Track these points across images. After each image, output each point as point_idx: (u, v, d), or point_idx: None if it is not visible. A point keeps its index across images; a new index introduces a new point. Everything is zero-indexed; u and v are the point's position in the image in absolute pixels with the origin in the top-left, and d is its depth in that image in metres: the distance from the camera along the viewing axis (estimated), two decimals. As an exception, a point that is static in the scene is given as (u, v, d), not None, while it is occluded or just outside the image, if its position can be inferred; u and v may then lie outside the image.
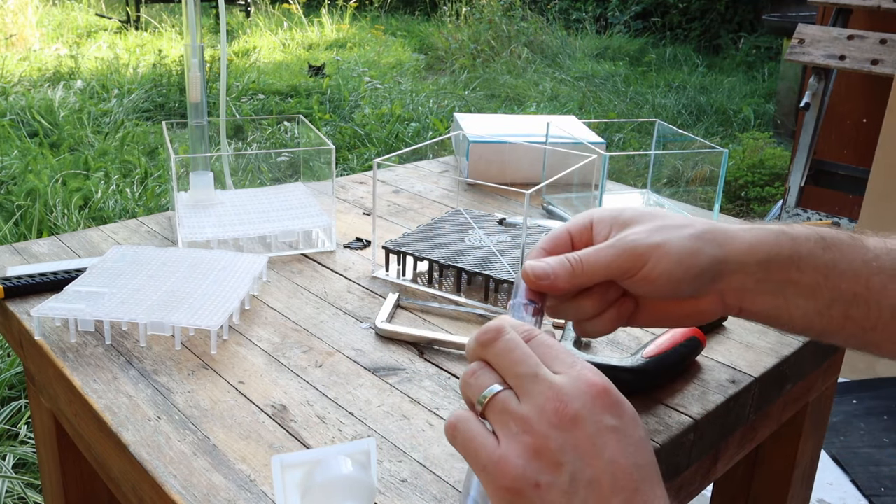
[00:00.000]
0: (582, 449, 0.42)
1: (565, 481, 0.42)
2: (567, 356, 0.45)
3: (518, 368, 0.44)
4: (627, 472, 0.42)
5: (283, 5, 7.96)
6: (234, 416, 0.63)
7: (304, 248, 0.96)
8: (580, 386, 0.43)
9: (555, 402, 0.43)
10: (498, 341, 0.46)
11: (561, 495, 0.42)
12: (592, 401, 0.43)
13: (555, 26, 7.25)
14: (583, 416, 0.42)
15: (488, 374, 0.46)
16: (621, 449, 0.42)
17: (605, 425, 0.42)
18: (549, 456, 0.42)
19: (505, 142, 1.21)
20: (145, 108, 4.49)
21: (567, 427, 0.42)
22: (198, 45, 1.01)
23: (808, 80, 2.74)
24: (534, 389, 0.43)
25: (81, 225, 2.77)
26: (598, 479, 0.42)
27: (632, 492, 0.42)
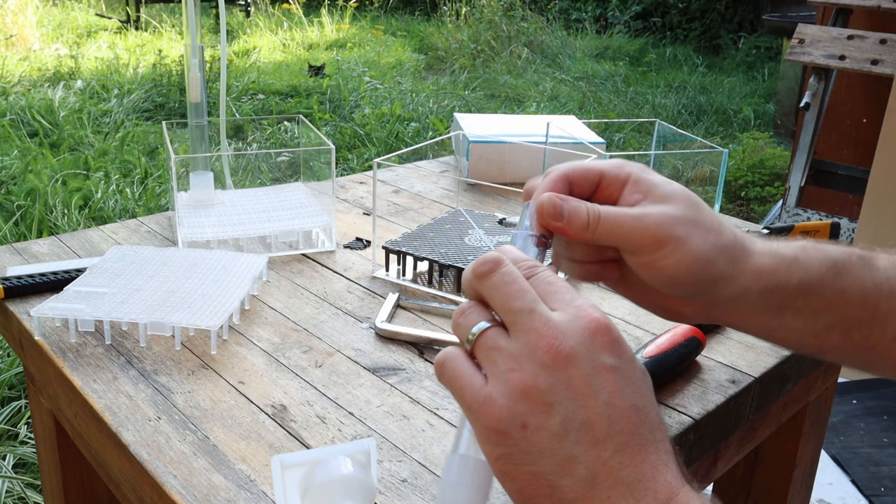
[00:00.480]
0: (575, 389, 0.40)
1: (555, 423, 0.39)
2: (568, 293, 0.43)
3: (512, 303, 0.42)
4: (625, 414, 0.40)
5: (283, 5, 7.96)
6: (234, 416, 0.63)
7: (304, 248, 0.96)
8: (578, 322, 0.41)
9: (548, 338, 0.40)
10: (494, 274, 0.43)
11: (550, 438, 0.40)
12: (590, 338, 0.40)
13: (555, 26, 7.25)
14: (578, 354, 0.40)
15: (479, 312, 0.43)
16: (619, 389, 0.40)
17: (602, 364, 0.40)
18: (537, 396, 0.40)
19: (505, 142, 1.21)
20: (145, 108, 4.49)
21: (560, 365, 0.40)
22: (198, 45, 1.01)
23: (808, 80, 2.74)
24: (526, 325, 0.41)
25: (81, 225, 2.77)
26: (591, 421, 0.39)
27: (629, 435, 0.40)
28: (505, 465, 0.41)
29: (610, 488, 0.39)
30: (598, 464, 0.39)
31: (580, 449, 0.39)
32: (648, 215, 0.51)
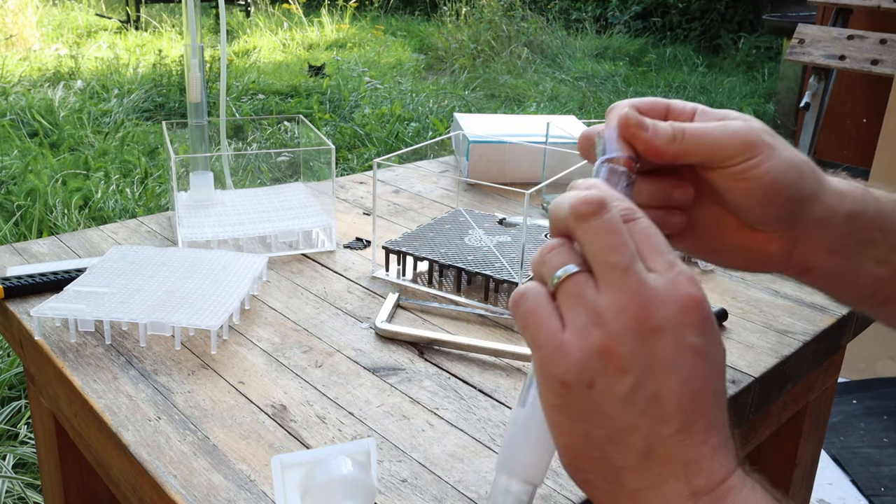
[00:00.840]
0: (655, 362, 0.38)
1: (624, 390, 0.38)
2: (668, 252, 0.40)
3: (610, 257, 0.39)
4: (697, 396, 0.38)
5: (283, 5, 7.96)
6: (234, 416, 0.63)
7: (304, 248, 0.96)
8: (672, 293, 0.38)
9: (639, 304, 0.38)
10: (596, 218, 0.39)
11: (615, 402, 0.38)
12: (681, 313, 0.38)
13: (555, 26, 7.25)
14: (666, 328, 0.38)
15: (568, 252, 0.40)
16: (697, 371, 0.38)
17: (687, 342, 0.38)
18: (615, 359, 0.38)
19: (505, 142, 1.21)
20: (145, 108, 4.49)
21: (645, 335, 0.38)
22: (198, 45, 1.01)
23: (808, 80, 2.74)
24: (620, 283, 0.38)
25: (81, 225, 2.77)
26: (662, 396, 0.38)
27: (697, 416, 0.38)
28: (558, 417, 0.39)
29: (664, 464, 0.38)
30: (657, 439, 0.38)
31: (643, 421, 0.38)
32: (733, 124, 0.48)
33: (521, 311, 0.40)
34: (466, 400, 0.66)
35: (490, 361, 0.72)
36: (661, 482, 0.38)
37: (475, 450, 0.60)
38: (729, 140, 0.48)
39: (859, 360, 2.07)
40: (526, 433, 0.41)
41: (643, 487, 0.38)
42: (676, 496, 0.38)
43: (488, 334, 0.77)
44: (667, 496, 0.38)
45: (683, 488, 0.38)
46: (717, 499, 0.38)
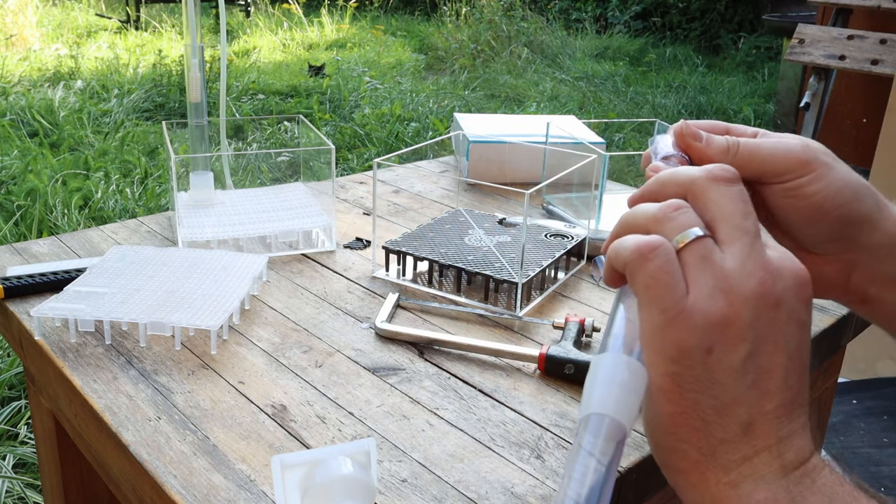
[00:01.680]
0: (771, 333, 0.38)
1: (739, 359, 0.37)
2: (766, 234, 0.40)
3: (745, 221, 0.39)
4: (799, 372, 0.39)
5: (283, 5, 7.96)
6: (234, 416, 0.63)
7: (304, 248, 0.96)
8: (790, 267, 0.39)
9: (764, 272, 0.38)
10: (733, 185, 0.40)
11: (728, 372, 0.37)
12: (797, 287, 0.38)
13: (555, 26, 7.25)
14: (785, 300, 0.38)
15: (695, 216, 0.40)
16: (803, 347, 0.39)
17: (798, 317, 0.38)
18: (736, 327, 0.37)
19: (505, 142, 1.21)
20: (145, 108, 4.49)
21: (768, 305, 0.38)
22: (198, 45, 1.01)
23: (808, 80, 2.74)
24: (749, 248, 0.38)
25: (81, 225, 2.77)
26: (771, 369, 0.38)
27: (795, 392, 0.38)
28: (670, 385, 0.38)
29: (760, 438, 0.38)
30: (759, 413, 0.38)
31: (752, 394, 0.38)
32: (789, 142, 0.49)
33: (651, 268, 0.38)
34: (466, 400, 0.66)
35: (490, 361, 0.72)
36: (755, 456, 0.38)
37: (475, 450, 0.60)
38: (783, 156, 0.48)
39: (859, 360, 2.07)
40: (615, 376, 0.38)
41: (736, 459, 0.38)
42: (767, 470, 0.38)
43: (488, 334, 0.77)
44: (758, 469, 0.38)
45: (774, 462, 0.38)
46: (804, 476, 0.38)
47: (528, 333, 0.78)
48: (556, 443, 0.61)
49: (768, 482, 0.38)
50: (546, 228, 0.94)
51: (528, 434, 0.62)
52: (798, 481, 0.38)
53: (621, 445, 0.38)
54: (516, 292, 0.80)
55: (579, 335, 0.74)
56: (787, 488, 0.38)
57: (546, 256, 0.86)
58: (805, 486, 0.38)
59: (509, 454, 0.59)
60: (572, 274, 0.92)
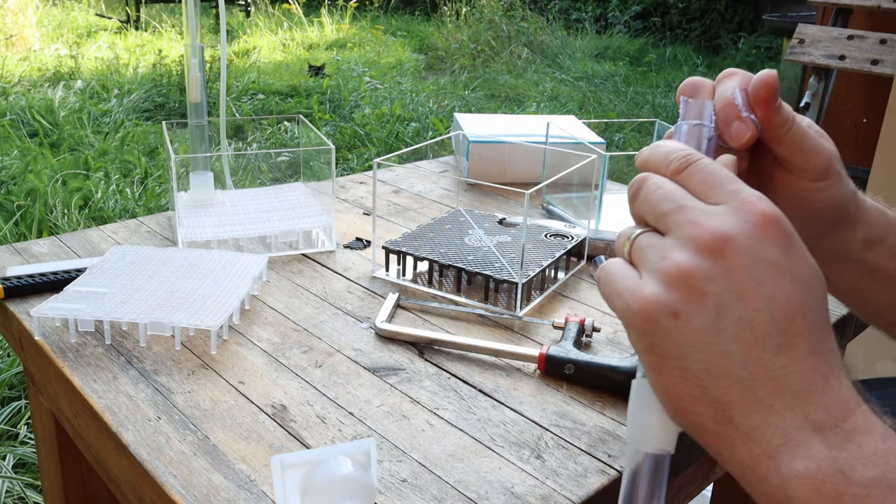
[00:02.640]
0: (735, 279, 0.36)
1: (710, 314, 0.36)
2: (731, 183, 0.39)
3: (661, 206, 0.39)
4: (790, 312, 0.35)
5: (283, 5, 7.96)
6: (234, 416, 0.63)
7: (304, 248, 0.96)
8: (741, 214, 0.37)
9: (704, 225, 0.37)
10: (641, 189, 0.41)
11: (703, 330, 0.36)
12: (755, 229, 0.36)
13: (555, 26, 7.25)
14: (740, 243, 0.36)
15: (636, 225, 0.42)
16: (783, 286, 0.36)
17: (766, 257, 0.36)
18: (692, 281, 0.36)
19: (505, 142, 1.21)
20: (145, 108, 4.49)
21: (718, 250, 0.36)
22: (198, 45, 1.01)
23: (808, 80, 2.74)
24: (679, 220, 0.38)
25: (81, 225, 2.77)
26: (751, 316, 0.35)
27: (794, 336, 0.35)
28: (652, 358, 0.38)
29: (773, 395, 0.35)
30: (757, 366, 0.35)
31: (737, 346, 0.36)
32: (825, 144, 0.49)
33: (602, 277, 0.41)
34: (466, 400, 0.66)
35: (490, 361, 0.72)
36: (776, 417, 0.35)
37: (475, 450, 0.60)
38: (817, 155, 0.49)
39: (859, 360, 2.07)
40: (648, 401, 0.41)
41: (758, 424, 0.36)
42: (797, 431, 0.35)
43: (488, 334, 0.77)
44: (787, 432, 0.35)
45: (802, 422, 0.35)
46: (845, 439, 0.35)
47: (528, 333, 0.78)
48: (556, 443, 0.61)
49: (806, 447, 0.35)
50: (546, 228, 0.94)
51: (528, 434, 0.62)
52: (841, 446, 0.34)
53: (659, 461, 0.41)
54: (516, 292, 0.80)
55: (579, 335, 0.74)
56: (829, 456, 0.34)
57: (546, 256, 0.86)
58: (851, 454, 0.34)
59: (509, 454, 0.59)
60: (572, 274, 0.92)
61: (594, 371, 0.68)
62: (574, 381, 0.69)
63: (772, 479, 0.35)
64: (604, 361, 0.68)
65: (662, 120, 2.17)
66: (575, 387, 0.69)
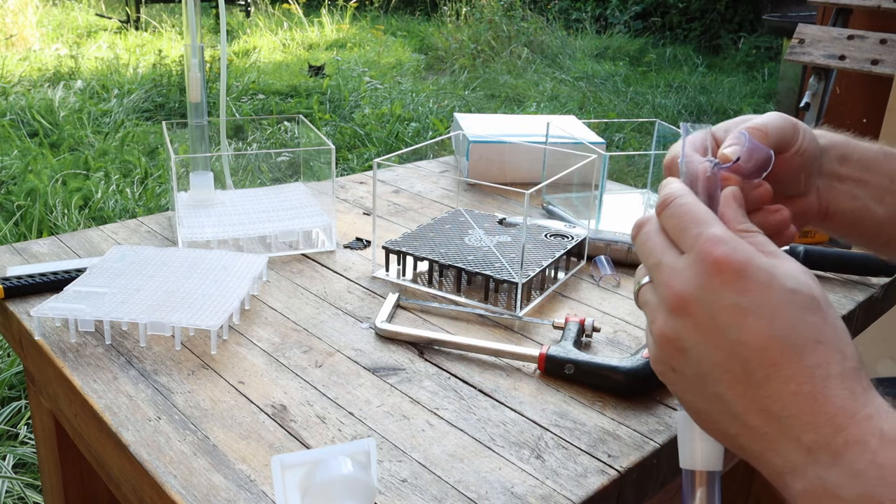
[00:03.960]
0: (702, 331, 0.40)
1: (693, 366, 0.41)
2: (696, 226, 0.42)
3: (647, 260, 0.45)
4: (759, 349, 0.38)
5: (283, 5, 7.96)
6: (234, 416, 0.63)
7: (304, 248, 0.96)
8: (698, 265, 0.41)
9: (670, 287, 0.42)
10: (636, 240, 0.47)
11: (693, 380, 0.41)
12: (710, 279, 0.40)
13: (555, 26, 7.25)
14: (697, 298, 0.40)
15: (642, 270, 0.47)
16: (748, 325, 0.39)
17: (723, 304, 0.39)
18: (671, 343, 0.42)
19: (505, 142, 1.21)
20: (145, 108, 4.49)
21: (681, 311, 0.41)
22: (198, 45, 1.01)
23: (808, 80, 2.74)
24: (658, 279, 0.44)
25: (81, 225, 2.77)
26: (724, 360, 0.39)
27: (770, 367, 0.38)
28: (678, 398, 0.45)
29: (766, 424, 0.38)
30: (744, 401, 0.39)
31: (723, 388, 0.40)
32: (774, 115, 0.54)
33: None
34: (466, 400, 0.66)
35: (490, 361, 0.72)
36: (773, 443, 0.38)
37: (475, 450, 0.60)
38: (782, 124, 0.53)
39: (859, 360, 2.07)
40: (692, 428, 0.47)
41: (761, 450, 0.39)
42: (794, 454, 0.38)
43: (488, 334, 0.77)
44: (786, 455, 0.38)
45: (796, 445, 0.37)
46: (835, 456, 0.36)
47: (528, 333, 0.78)
48: (556, 443, 0.61)
49: (801, 469, 0.37)
50: (546, 228, 0.94)
51: (528, 434, 0.62)
52: (831, 464, 0.36)
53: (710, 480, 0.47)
54: (516, 292, 0.80)
55: (579, 335, 0.74)
56: (820, 476, 0.36)
57: (546, 256, 0.86)
58: (841, 471, 0.36)
59: (509, 454, 0.59)
60: (572, 274, 0.92)
61: (594, 371, 0.68)
62: (574, 381, 0.69)
63: (785, 494, 0.39)
64: (604, 361, 0.68)
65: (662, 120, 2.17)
66: (575, 387, 0.69)
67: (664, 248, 0.44)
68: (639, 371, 0.67)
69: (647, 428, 0.63)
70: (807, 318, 0.39)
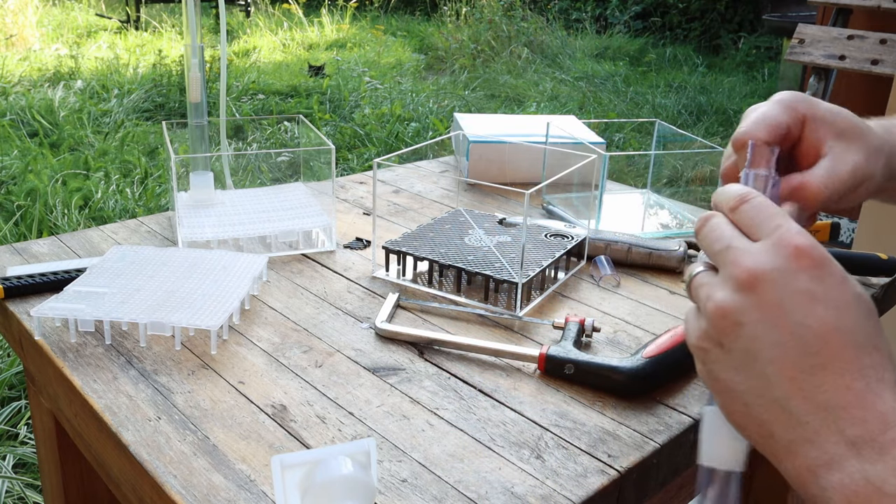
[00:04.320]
0: (766, 309, 0.40)
1: (745, 342, 0.41)
2: (775, 219, 0.43)
3: (713, 247, 0.45)
4: (822, 335, 0.39)
5: (283, 5, 7.96)
6: (234, 416, 0.63)
7: (304, 248, 0.96)
8: (777, 249, 0.41)
9: (742, 264, 0.41)
10: (703, 228, 0.46)
11: (742, 357, 0.41)
12: (789, 261, 0.40)
13: (555, 26, 7.25)
14: (771, 277, 0.40)
15: (698, 262, 0.47)
16: (815, 312, 0.39)
17: (798, 287, 0.40)
18: (730, 316, 0.41)
19: (505, 142, 1.21)
20: (145, 108, 4.49)
21: (750, 286, 0.41)
22: (198, 45, 1.01)
23: (808, 80, 2.74)
24: (726, 259, 0.43)
25: (81, 225, 2.77)
26: (783, 341, 0.39)
27: (827, 357, 0.38)
28: (708, 381, 0.44)
29: (808, 413, 0.38)
30: (792, 386, 0.39)
31: (773, 369, 0.40)
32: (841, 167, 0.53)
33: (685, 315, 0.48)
34: (466, 400, 0.66)
35: (490, 361, 0.72)
36: (812, 433, 0.38)
37: (475, 450, 0.60)
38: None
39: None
40: (718, 425, 0.47)
41: (795, 439, 0.39)
42: (833, 446, 0.38)
43: (488, 334, 0.77)
44: (824, 447, 0.38)
45: (838, 437, 0.38)
46: (881, 452, 0.37)
47: (528, 333, 0.78)
48: (556, 443, 0.61)
49: (840, 462, 0.37)
50: (546, 228, 0.94)
51: (528, 434, 0.62)
52: (875, 459, 0.37)
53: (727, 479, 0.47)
54: (516, 292, 0.80)
55: (579, 335, 0.74)
56: (862, 469, 0.37)
57: (546, 256, 0.86)
58: (886, 465, 0.36)
59: (509, 454, 0.59)
60: (572, 274, 0.92)
61: (594, 371, 0.68)
62: (574, 381, 0.69)
63: (812, 489, 0.39)
64: (604, 361, 0.68)
65: (662, 120, 2.17)
66: (575, 387, 0.69)
67: (735, 235, 0.44)
68: (639, 371, 0.67)
69: (647, 428, 0.63)
70: (869, 322, 0.40)
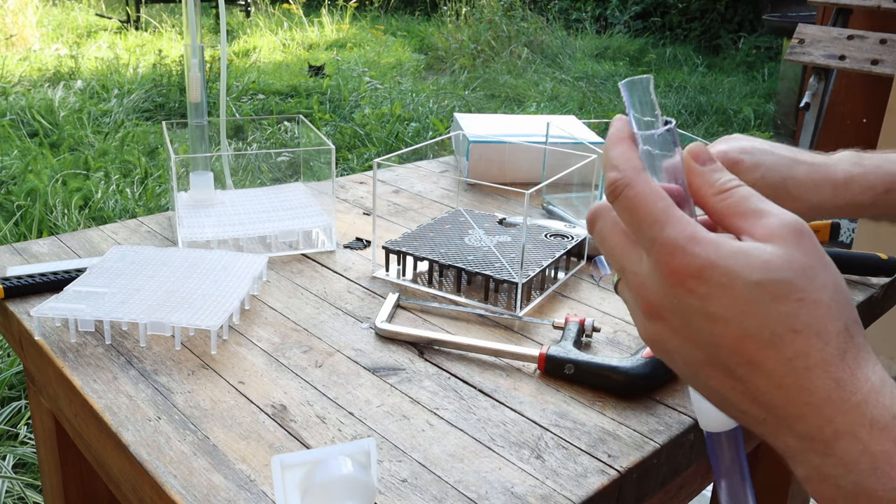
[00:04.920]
0: (681, 335, 0.40)
1: (681, 366, 0.41)
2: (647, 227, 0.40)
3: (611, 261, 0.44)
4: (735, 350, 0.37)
5: (283, 5, 7.96)
6: (234, 416, 0.63)
7: (304, 248, 0.96)
8: (658, 275, 0.39)
9: (639, 295, 0.41)
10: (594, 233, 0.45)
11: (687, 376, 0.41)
12: (671, 289, 0.39)
13: (555, 26, 7.25)
14: (668, 308, 0.40)
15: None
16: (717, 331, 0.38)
17: (692, 311, 0.38)
18: (657, 345, 0.42)
19: (505, 142, 1.21)
20: (145, 108, 4.49)
21: (655, 317, 0.41)
22: (198, 45, 1.01)
23: (808, 80, 2.74)
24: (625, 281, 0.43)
25: (81, 225, 2.77)
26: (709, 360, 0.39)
27: (747, 365, 0.37)
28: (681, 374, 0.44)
29: (762, 413, 0.38)
30: (736, 394, 0.39)
31: (714, 383, 0.40)
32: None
33: None
34: (466, 400, 0.66)
35: (490, 361, 0.72)
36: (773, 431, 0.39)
37: (475, 450, 0.60)
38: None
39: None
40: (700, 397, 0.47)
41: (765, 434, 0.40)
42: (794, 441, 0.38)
43: (488, 334, 0.77)
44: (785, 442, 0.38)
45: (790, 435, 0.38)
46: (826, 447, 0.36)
47: (528, 333, 0.78)
48: (556, 443, 0.61)
49: (801, 457, 0.37)
50: (546, 228, 0.94)
51: (528, 434, 0.62)
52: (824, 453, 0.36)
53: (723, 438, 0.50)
54: (516, 292, 0.80)
55: (579, 335, 0.74)
56: (817, 465, 0.37)
57: (546, 256, 0.86)
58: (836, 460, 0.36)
59: (509, 454, 0.59)
60: (572, 274, 0.92)
61: (594, 371, 0.68)
62: (574, 381, 0.69)
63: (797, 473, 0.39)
64: (604, 361, 0.68)
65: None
66: (575, 387, 0.69)
67: (624, 251, 0.42)
68: (639, 371, 0.67)
69: (647, 428, 0.63)
70: (778, 308, 0.36)
